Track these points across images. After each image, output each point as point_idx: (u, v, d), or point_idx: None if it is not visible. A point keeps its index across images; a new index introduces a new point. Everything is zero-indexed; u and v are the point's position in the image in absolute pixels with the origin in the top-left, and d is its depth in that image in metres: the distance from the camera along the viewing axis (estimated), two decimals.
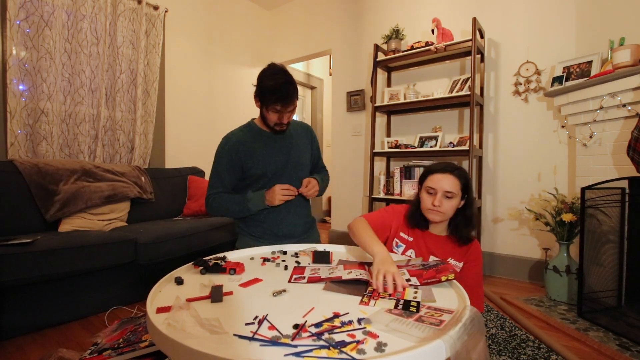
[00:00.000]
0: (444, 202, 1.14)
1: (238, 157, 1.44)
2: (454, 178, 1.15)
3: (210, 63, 3.42)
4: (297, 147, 1.54)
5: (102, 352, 1.20)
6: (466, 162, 2.68)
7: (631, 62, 1.75)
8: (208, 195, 1.49)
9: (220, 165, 1.46)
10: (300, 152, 1.54)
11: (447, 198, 1.14)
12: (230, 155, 1.44)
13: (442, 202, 1.13)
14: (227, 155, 1.44)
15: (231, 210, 1.46)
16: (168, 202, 2.65)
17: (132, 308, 1.90)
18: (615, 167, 1.88)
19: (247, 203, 1.42)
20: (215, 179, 1.48)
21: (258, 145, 1.46)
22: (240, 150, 1.44)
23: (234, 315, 0.73)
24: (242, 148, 1.44)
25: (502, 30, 2.54)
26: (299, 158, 1.53)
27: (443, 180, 1.15)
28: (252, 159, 1.44)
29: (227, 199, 1.46)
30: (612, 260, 1.79)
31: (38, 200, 1.92)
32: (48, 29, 2.25)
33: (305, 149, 1.58)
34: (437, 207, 1.14)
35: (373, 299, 0.80)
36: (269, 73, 1.33)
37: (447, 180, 1.15)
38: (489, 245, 2.61)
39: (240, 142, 1.45)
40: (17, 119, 2.15)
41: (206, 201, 1.49)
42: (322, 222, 4.86)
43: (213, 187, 1.48)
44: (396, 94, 2.87)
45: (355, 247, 1.29)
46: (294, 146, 1.52)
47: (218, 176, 1.47)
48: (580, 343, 1.56)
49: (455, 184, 1.14)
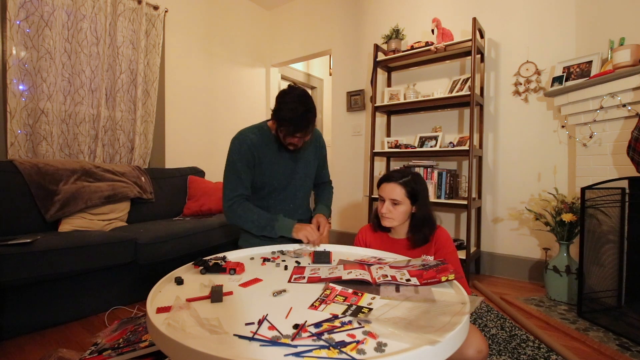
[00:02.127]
0: (391, 209, 1.25)
1: (253, 159, 1.39)
2: (399, 186, 1.26)
3: (210, 63, 3.42)
4: (304, 157, 1.50)
5: (102, 352, 1.20)
6: (466, 162, 2.68)
7: (631, 62, 1.75)
8: (231, 198, 1.37)
9: (239, 166, 1.37)
10: (306, 163, 1.52)
11: (394, 205, 1.26)
12: (247, 155, 1.37)
13: (389, 209, 1.25)
14: (245, 155, 1.37)
15: (255, 224, 1.36)
16: (168, 202, 2.65)
17: (132, 308, 1.90)
18: (615, 167, 1.88)
19: (275, 223, 1.34)
20: (235, 182, 1.38)
21: (267, 153, 1.41)
22: (254, 154, 1.39)
23: (234, 315, 0.73)
24: (255, 153, 1.39)
25: (502, 30, 2.54)
26: (305, 169, 1.51)
27: (388, 189, 1.27)
28: (260, 166, 1.41)
29: (257, 211, 1.37)
30: (612, 260, 1.79)
31: (38, 200, 1.92)
32: (48, 29, 2.25)
33: (312, 158, 1.55)
34: (385, 214, 1.26)
35: (324, 304, 0.78)
36: (288, 100, 1.26)
37: (392, 189, 1.26)
38: (489, 245, 2.61)
39: (255, 145, 1.38)
40: (17, 119, 2.15)
41: (229, 206, 1.37)
42: None
43: (233, 189, 1.38)
44: (396, 94, 2.87)
45: (355, 247, 1.31)
46: (301, 156, 1.49)
47: (238, 177, 1.38)
48: (580, 343, 1.56)
49: (400, 192, 1.25)
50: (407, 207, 1.26)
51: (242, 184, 1.39)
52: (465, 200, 2.40)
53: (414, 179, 1.28)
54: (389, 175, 1.30)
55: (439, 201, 2.50)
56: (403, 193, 1.25)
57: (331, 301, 0.80)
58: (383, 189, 1.29)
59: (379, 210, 1.29)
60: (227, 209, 1.39)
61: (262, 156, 1.40)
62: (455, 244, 2.50)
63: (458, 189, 2.65)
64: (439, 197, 2.56)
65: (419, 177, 1.31)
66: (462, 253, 2.35)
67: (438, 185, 2.56)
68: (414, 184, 1.27)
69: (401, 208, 1.25)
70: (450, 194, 2.55)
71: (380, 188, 1.30)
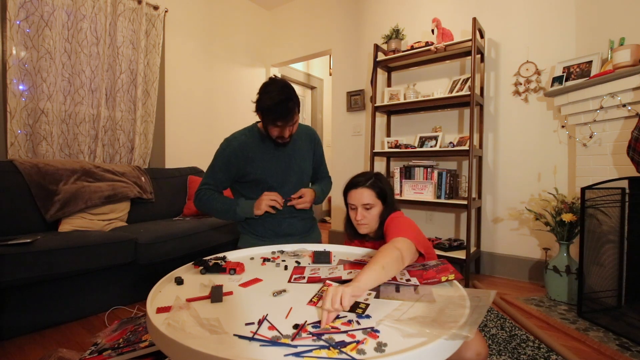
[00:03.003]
0: (365, 214, 1.23)
1: (237, 161, 1.44)
2: (367, 190, 1.23)
3: (210, 63, 3.42)
4: (299, 153, 1.53)
5: (102, 352, 1.20)
6: (466, 162, 2.68)
7: (631, 62, 1.75)
8: (199, 188, 1.49)
9: (217, 164, 1.47)
10: (301, 159, 1.54)
11: (367, 209, 1.23)
12: (229, 158, 1.44)
13: (364, 215, 1.24)
14: (227, 157, 1.44)
15: (218, 209, 1.45)
16: (168, 202, 2.65)
17: (132, 308, 1.90)
18: (615, 167, 1.88)
19: (236, 207, 1.43)
20: (209, 175, 1.49)
21: (259, 151, 1.45)
22: (240, 155, 1.44)
23: (234, 315, 0.73)
24: (241, 154, 1.44)
25: (502, 30, 2.54)
26: (300, 165, 1.53)
27: (357, 196, 1.24)
28: (252, 164, 1.44)
29: (218, 197, 1.47)
30: (612, 260, 1.79)
31: (38, 200, 1.92)
32: (48, 29, 2.25)
33: (307, 155, 1.57)
34: (360, 220, 1.24)
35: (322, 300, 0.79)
36: (267, 90, 1.30)
37: (360, 194, 1.24)
38: (489, 245, 2.61)
39: (242, 147, 1.44)
40: (17, 119, 2.15)
41: (196, 194, 1.49)
42: (322, 222, 4.86)
43: (205, 182, 1.49)
44: (396, 94, 2.87)
45: (355, 247, 1.31)
46: (296, 152, 1.52)
47: (213, 173, 1.48)
48: (580, 343, 1.56)
49: (370, 195, 1.23)
50: (379, 208, 1.24)
51: (214, 179, 1.48)
52: (465, 200, 2.40)
53: (378, 179, 1.27)
54: (354, 181, 1.27)
55: (439, 201, 2.50)
56: (373, 195, 1.23)
57: None
58: (352, 197, 1.26)
59: (354, 218, 1.26)
60: (195, 196, 1.49)
61: (254, 155, 1.45)
62: (455, 244, 2.50)
63: (458, 189, 2.65)
64: (439, 197, 2.55)
65: (382, 176, 1.30)
66: (462, 253, 2.35)
67: (438, 185, 2.56)
68: (380, 183, 1.26)
69: (374, 211, 1.24)
70: (450, 194, 2.55)
71: (349, 196, 1.28)
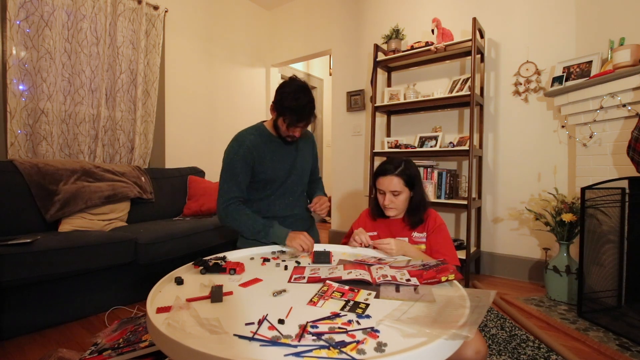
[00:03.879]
0: (394, 200, 1.31)
1: (252, 160, 1.41)
2: (396, 177, 1.30)
3: (210, 63, 3.42)
4: (302, 153, 1.55)
5: (102, 352, 1.20)
6: (466, 162, 2.68)
7: (631, 62, 1.75)
8: (226, 200, 1.37)
9: (237, 166, 1.38)
10: (303, 159, 1.56)
11: (395, 196, 1.31)
12: (245, 157, 1.39)
13: (392, 200, 1.31)
14: (243, 156, 1.38)
15: (249, 227, 1.35)
16: (168, 202, 2.65)
17: (132, 308, 1.90)
18: (615, 167, 1.88)
19: (270, 229, 1.32)
20: (231, 183, 1.38)
21: (268, 151, 1.44)
22: (254, 154, 1.40)
23: (234, 315, 0.73)
24: (255, 153, 1.41)
25: (502, 30, 2.54)
26: (302, 165, 1.55)
27: (387, 182, 1.31)
28: (263, 164, 1.43)
29: (252, 215, 1.37)
30: (612, 260, 1.79)
31: (38, 200, 1.92)
32: (48, 29, 2.25)
33: (308, 156, 1.60)
34: (388, 205, 1.32)
35: (322, 299, 0.80)
36: (290, 91, 1.29)
37: (390, 181, 1.31)
38: (489, 245, 2.61)
39: (254, 147, 1.41)
40: (17, 119, 2.15)
41: (224, 208, 1.37)
42: (322, 222, 4.86)
43: (229, 191, 1.38)
44: (396, 94, 2.87)
45: (355, 247, 1.31)
46: (299, 152, 1.53)
47: (234, 179, 1.38)
48: (580, 343, 1.56)
49: (398, 183, 1.30)
50: (407, 194, 1.32)
51: (239, 186, 1.40)
52: (465, 200, 2.40)
53: (407, 166, 1.33)
54: (384, 168, 1.34)
55: (439, 201, 2.50)
56: (401, 183, 1.30)
57: (329, 297, 0.81)
58: (381, 183, 1.33)
59: (382, 202, 1.34)
60: (221, 210, 1.39)
61: (263, 155, 1.43)
62: (455, 244, 2.50)
63: (458, 189, 2.65)
64: (439, 197, 2.55)
65: (411, 162, 1.36)
66: (462, 253, 2.35)
67: (438, 185, 2.56)
68: (408, 171, 1.32)
69: (402, 197, 1.31)
70: (450, 194, 2.55)
71: (378, 182, 1.34)
